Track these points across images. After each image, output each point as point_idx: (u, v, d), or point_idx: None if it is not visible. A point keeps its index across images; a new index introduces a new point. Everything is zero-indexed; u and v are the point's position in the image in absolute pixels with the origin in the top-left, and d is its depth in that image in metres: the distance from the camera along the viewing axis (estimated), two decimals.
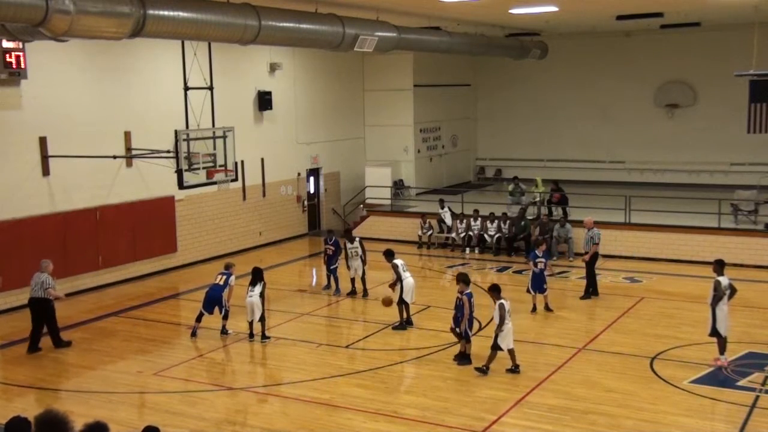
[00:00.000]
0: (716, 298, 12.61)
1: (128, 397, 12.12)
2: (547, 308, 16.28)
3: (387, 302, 15.03)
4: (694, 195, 23.82)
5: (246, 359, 14.11)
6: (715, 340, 12.84)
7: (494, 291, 12.88)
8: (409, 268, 15.74)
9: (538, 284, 16.27)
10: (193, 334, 14.99)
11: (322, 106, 26.24)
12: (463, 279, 13.21)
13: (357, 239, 17.90)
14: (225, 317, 14.97)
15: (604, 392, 11.83)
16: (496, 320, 12.61)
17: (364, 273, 17.73)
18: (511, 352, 12.68)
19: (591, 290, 17.46)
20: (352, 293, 17.88)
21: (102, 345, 14.79)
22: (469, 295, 13.00)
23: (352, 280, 17.90)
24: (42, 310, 14.15)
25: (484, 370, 12.58)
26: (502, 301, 12.65)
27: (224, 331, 14.99)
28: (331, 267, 18.24)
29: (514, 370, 12.63)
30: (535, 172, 27.79)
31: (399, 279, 15.24)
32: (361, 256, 17.56)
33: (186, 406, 11.59)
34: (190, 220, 21.40)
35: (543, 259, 16.30)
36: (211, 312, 14.96)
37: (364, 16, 17.72)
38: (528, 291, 16.40)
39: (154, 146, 18.73)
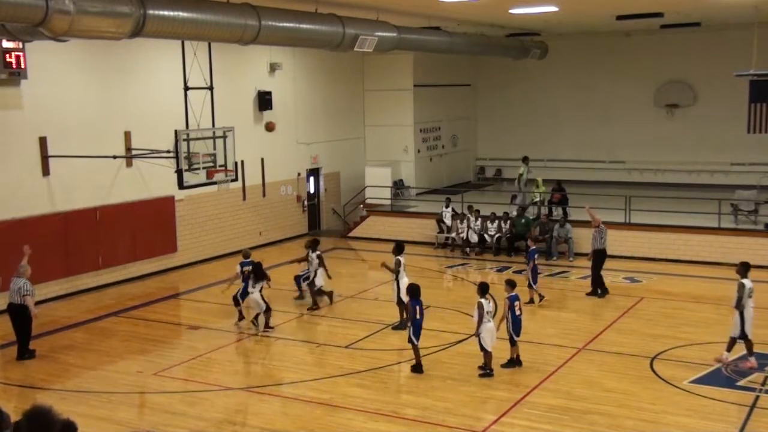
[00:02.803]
0: (739, 300, 12.59)
1: (128, 397, 12.12)
2: (530, 301, 16.48)
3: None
4: (694, 195, 23.81)
5: (246, 359, 14.12)
6: (726, 340, 12.88)
7: (480, 289, 12.75)
8: (409, 269, 15.71)
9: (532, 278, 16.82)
10: (242, 319, 15.66)
11: (322, 106, 26.23)
12: (508, 283, 13.15)
13: (317, 252, 16.97)
14: (265, 312, 15.22)
15: (604, 392, 11.82)
16: (475, 319, 12.52)
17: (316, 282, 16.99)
18: (487, 353, 12.50)
19: (600, 291, 17.33)
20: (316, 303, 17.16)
21: (102, 345, 14.79)
22: (513, 298, 12.90)
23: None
24: (19, 317, 13.63)
25: (488, 373, 12.50)
26: (481, 300, 12.53)
27: (265, 326, 15.23)
28: (304, 279, 17.35)
29: (488, 373, 12.48)
30: (535, 172, 27.72)
31: (396, 275, 15.16)
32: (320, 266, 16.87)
33: (186, 406, 11.58)
34: (190, 220, 21.40)
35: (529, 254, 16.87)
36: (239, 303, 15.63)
37: (364, 16, 17.72)
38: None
39: (154, 146, 18.75)
